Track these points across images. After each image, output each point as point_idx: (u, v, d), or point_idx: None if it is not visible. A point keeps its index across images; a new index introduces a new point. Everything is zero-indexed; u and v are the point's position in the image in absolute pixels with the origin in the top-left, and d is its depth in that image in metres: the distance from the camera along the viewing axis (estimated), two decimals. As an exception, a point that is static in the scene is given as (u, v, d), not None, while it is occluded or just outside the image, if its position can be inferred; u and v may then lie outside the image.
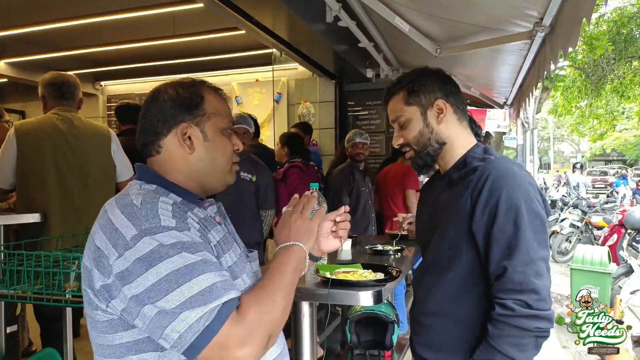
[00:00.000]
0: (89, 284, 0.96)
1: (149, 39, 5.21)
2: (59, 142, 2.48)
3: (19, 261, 1.70)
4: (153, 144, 1.08)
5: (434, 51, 3.51)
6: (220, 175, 1.13)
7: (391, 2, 2.99)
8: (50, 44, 5.43)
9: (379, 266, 1.71)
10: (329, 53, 4.87)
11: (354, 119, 6.00)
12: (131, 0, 4.20)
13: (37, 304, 2.04)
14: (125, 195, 1.00)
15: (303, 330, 1.56)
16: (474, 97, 5.66)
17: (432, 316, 1.37)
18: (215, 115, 1.10)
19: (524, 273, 1.15)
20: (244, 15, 3.66)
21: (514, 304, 1.14)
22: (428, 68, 1.45)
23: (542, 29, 2.58)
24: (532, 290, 1.14)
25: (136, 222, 0.92)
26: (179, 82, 1.11)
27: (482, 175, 1.25)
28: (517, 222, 1.18)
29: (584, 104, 14.69)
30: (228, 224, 1.19)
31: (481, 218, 1.22)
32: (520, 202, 1.19)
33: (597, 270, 4.59)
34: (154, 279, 0.87)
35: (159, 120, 1.06)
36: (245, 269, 1.10)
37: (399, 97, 1.40)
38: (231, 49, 5.61)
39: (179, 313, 0.86)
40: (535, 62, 3.36)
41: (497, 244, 1.19)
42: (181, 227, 0.94)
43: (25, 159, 2.42)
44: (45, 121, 2.51)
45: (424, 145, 1.38)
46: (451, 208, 1.31)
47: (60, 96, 2.59)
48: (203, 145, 1.08)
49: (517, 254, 1.16)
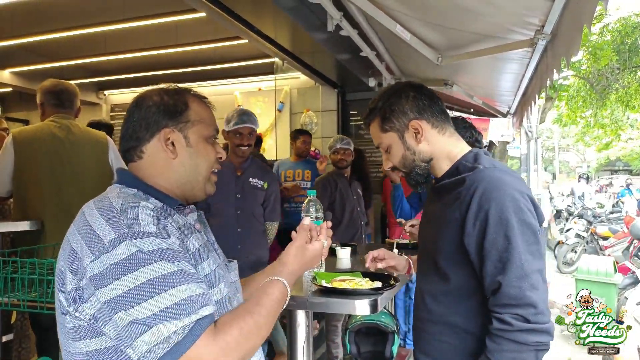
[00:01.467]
0: (60, 286, 0.94)
1: (152, 48, 5.23)
2: (55, 149, 2.48)
3: (14, 269, 1.69)
4: (135, 149, 1.07)
5: (435, 59, 3.50)
6: (202, 182, 1.11)
7: (392, 10, 2.99)
8: (54, 54, 5.47)
9: (378, 275, 1.68)
10: (331, 62, 4.87)
11: (357, 127, 6.00)
12: (134, 10, 4.23)
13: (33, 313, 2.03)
14: (104, 197, 0.99)
15: (298, 339, 1.53)
16: (477, 106, 5.65)
17: (430, 324, 1.35)
18: (200, 122, 1.10)
19: (520, 288, 1.12)
20: (245, 24, 3.67)
21: (511, 318, 1.11)
22: (397, 86, 1.42)
23: (544, 36, 2.57)
24: (529, 304, 1.11)
25: (115, 226, 0.90)
26: (163, 89, 1.11)
27: (471, 187, 1.22)
28: (507, 234, 1.15)
29: (588, 114, 14.64)
30: (208, 232, 1.18)
31: (472, 232, 1.20)
32: (509, 214, 1.16)
33: (602, 280, 4.54)
34: (130, 285, 0.86)
35: (142, 126, 1.06)
36: (223, 278, 1.08)
37: (375, 124, 1.40)
38: (234, 58, 5.63)
39: (152, 325, 0.84)
40: (537, 70, 3.35)
41: (489, 258, 1.17)
42: (161, 234, 0.93)
43: (22, 166, 2.43)
44: (42, 129, 2.51)
45: (411, 167, 1.38)
46: (442, 220, 1.30)
47: (58, 104, 2.60)
48: (186, 151, 1.08)
49: (511, 268, 1.13)
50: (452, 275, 1.28)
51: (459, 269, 1.26)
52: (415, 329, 1.43)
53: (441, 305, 1.32)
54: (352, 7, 3.20)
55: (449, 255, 1.27)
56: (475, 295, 1.25)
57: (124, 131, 1.09)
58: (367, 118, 1.43)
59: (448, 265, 1.28)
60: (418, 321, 1.42)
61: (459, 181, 1.27)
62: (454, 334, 1.30)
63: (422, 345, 1.40)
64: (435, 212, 1.36)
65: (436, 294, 1.34)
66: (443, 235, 1.28)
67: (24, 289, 1.62)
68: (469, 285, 1.26)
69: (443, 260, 1.29)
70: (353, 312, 1.48)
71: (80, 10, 4.29)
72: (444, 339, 1.32)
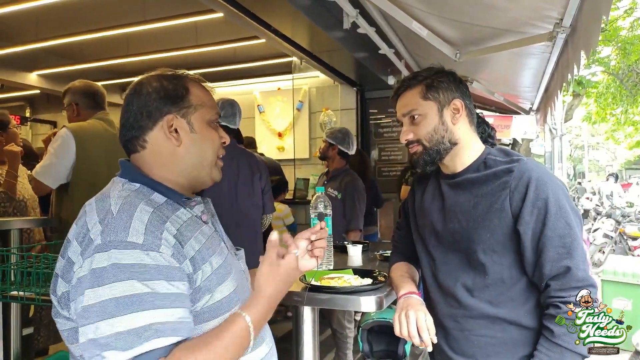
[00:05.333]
0: (53, 290, 0.94)
1: (173, 49, 5.32)
2: (110, 144, 2.52)
3: (30, 264, 1.73)
4: (137, 139, 1.03)
5: (454, 56, 3.45)
6: (209, 167, 1.08)
7: (408, 6, 2.96)
8: (79, 56, 5.62)
9: (368, 272, 1.68)
10: (350, 60, 4.86)
11: (376, 126, 5.96)
12: (154, 11, 4.30)
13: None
14: (105, 197, 0.97)
15: (304, 335, 1.52)
16: (499, 103, 5.55)
17: (466, 321, 1.32)
18: (201, 106, 1.06)
19: (585, 270, 1.18)
20: (262, 23, 3.69)
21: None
22: (440, 67, 1.41)
23: (563, 29, 2.50)
24: (592, 285, 1.17)
25: (105, 231, 0.88)
26: (161, 75, 1.08)
27: (522, 176, 1.23)
28: (568, 221, 1.20)
29: (619, 111, 14.24)
30: (216, 222, 1.15)
31: (529, 219, 1.21)
32: (564, 201, 1.22)
33: (629, 282, 4.39)
34: (92, 300, 0.84)
35: (143, 114, 1.02)
36: (232, 270, 1.05)
37: (416, 90, 1.36)
38: (253, 58, 5.67)
39: (105, 349, 0.82)
40: (558, 65, 3.27)
41: (551, 244, 1.19)
42: (148, 246, 0.88)
43: (82, 160, 2.45)
44: (95, 125, 2.58)
45: (436, 143, 1.34)
46: (480, 211, 1.28)
47: (95, 105, 2.68)
48: (190, 137, 1.04)
49: (577, 253, 1.18)
50: (490, 267, 1.27)
51: (502, 258, 1.26)
52: (445, 328, 1.37)
53: (479, 299, 1.30)
54: (368, 4, 3.19)
55: (493, 245, 1.26)
56: (517, 285, 1.27)
57: (123, 120, 1.04)
58: (407, 82, 1.39)
59: (488, 257, 1.27)
60: (449, 320, 1.36)
61: (503, 171, 1.27)
62: (496, 327, 1.28)
63: (455, 344, 1.35)
64: (463, 205, 1.32)
65: (472, 288, 1.31)
66: (484, 225, 1.26)
67: (38, 283, 1.65)
68: (511, 275, 1.26)
69: (482, 252, 1.27)
70: (358, 309, 1.47)
71: (102, 13, 4.40)
72: (484, 333, 1.29)
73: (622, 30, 11.56)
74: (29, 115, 7.94)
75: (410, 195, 1.57)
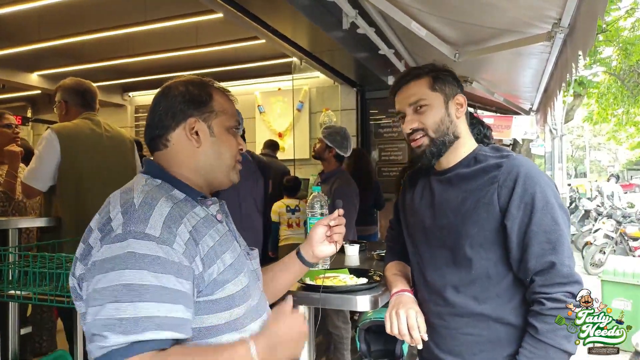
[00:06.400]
0: (73, 272, 0.99)
1: (174, 49, 5.33)
2: (97, 144, 2.50)
3: (27, 263, 1.74)
4: (161, 138, 1.11)
5: (453, 56, 3.45)
6: (226, 170, 1.15)
7: (407, 7, 2.96)
8: (80, 56, 5.63)
9: (364, 271, 1.69)
10: (350, 61, 4.86)
11: (376, 126, 5.97)
12: (155, 12, 4.31)
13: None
14: (129, 190, 1.03)
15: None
16: (499, 103, 5.54)
17: (452, 318, 1.32)
18: (223, 113, 1.14)
19: (569, 266, 1.18)
20: (262, 24, 3.70)
21: (563, 296, 1.16)
22: (446, 66, 1.43)
23: (561, 29, 2.50)
24: (576, 282, 1.17)
25: (126, 222, 0.94)
26: (189, 80, 1.16)
27: (511, 171, 1.24)
28: (554, 217, 1.20)
29: (620, 112, 14.20)
30: (229, 222, 1.21)
31: (516, 214, 1.22)
32: (551, 198, 1.22)
33: (629, 282, 4.38)
34: (106, 284, 0.88)
35: (168, 115, 1.10)
36: (243, 268, 1.10)
37: (423, 81, 1.36)
38: (253, 58, 5.68)
39: (107, 329, 0.86)
40: (557, 65, 3.27)
41: (536, 239, 1.20)
42: (163, 240, 0.93)
43: (67, 161, 2.40)
44: (80, 125, 2.51)
45: (442, 134, 1.34)
46: (468, 205, 1.28)
47: (85, 104, 2.60)
48: (209, 140, 1.12)
49: (562, 249, 1.18)
50: (477, 262, 1.27)
51: (489, 253, 1.26)
52: (432, 326, 1.36)
53: (465, 296, 1.29)
54: (367, 5, 3.19)
55: (480, 240, 1.26)
56: (503, 281, 1.27)
57: (149, 120, 1.13)
58: (412, 73, 1.39)
59: (475, 252, 1.27)
60: (436, 318, 1.36)
61: (492, 166, 1.29)
62: (482, 325, 1.28)
63: (442, 342, 1.35)
64: (452, 201, 1.33)
65: (458, 285, 1.30)
66: (472, 219, 1.27)
67: (35, 282, 1.66)
68: (497, 271, 1.27)
69: (469, 247, 1.27)
70: (353, 309, 1.47)
71: (103, 13, 4.41)
72: (470, 332, 1.29)
73: (624, 31, 11.54)
74: (31, 116, 7.96)
75: (401, 194, 1.57)
